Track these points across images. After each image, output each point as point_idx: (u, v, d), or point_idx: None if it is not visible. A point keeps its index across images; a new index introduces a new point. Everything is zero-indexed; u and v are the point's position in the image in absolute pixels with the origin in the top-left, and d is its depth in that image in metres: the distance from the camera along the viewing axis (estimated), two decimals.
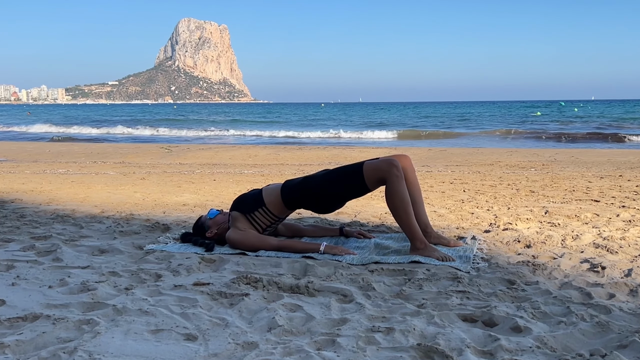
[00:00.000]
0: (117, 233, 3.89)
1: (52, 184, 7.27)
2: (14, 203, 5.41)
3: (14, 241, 3.61)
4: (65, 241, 3.60)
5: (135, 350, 1.92)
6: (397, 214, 3.26)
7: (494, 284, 2.69)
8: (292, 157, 12.72)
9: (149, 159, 12.50)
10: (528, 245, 3.46)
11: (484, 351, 1.91)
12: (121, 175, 8.61)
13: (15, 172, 9.12)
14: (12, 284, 2.67)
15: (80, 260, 3.16)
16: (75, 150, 15.85)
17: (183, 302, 2.42)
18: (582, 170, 8.71)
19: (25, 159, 12.65)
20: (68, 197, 5.84)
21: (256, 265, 3.05)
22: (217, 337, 2.04)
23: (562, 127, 27.53)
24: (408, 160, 3.52)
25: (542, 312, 2.26)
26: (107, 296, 2.50)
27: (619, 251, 3.26)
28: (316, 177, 3.46)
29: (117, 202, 5.48)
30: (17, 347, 1.93)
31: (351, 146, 17.51)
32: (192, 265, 3.02)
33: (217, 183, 7.40)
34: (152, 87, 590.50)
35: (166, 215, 4.70)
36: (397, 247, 3.39)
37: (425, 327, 2.11)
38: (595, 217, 4.39)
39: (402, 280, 2.77)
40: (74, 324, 2.13)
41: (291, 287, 2.62)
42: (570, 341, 1.98)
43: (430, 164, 10.62)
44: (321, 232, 3.76)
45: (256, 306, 2.37)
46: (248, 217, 3.47)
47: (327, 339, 2.01)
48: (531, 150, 14.78)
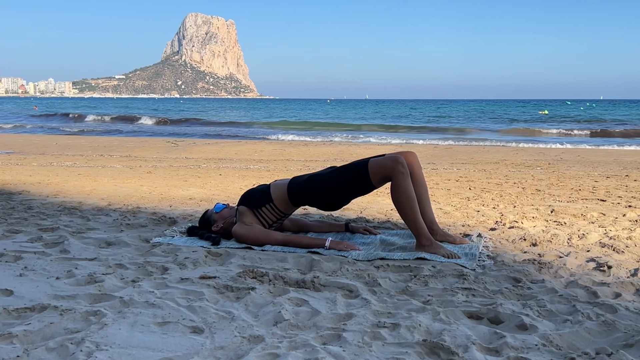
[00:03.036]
0: (124, 226, 3.90)
1: (59, 176, 7.30)
2: (22, 195, 5.44)
3: (21, 232, 3.64)
4: (72, 233, 3.62)
5: (141, 342, 1.93)
6: (403, 211, 3.26)
7: (500, 281, 2.69)
8: (297, 153, 12.72)
9: (155, 153, 12.52)
10: (534, 243, 3.46)
11: (489, 348, 1.91)
12: (127, 169, 8.64)
13: (23, 164, 9.17)
14: (19, 274, 2.69)
15: (87, 252, 3.18)
16: (82, 143, 15.90)
17: (189, 295, 2.43)
18: (588, 170, 8.68)
19: (33, 151, 12.70)
20: (75, 190, 5.87)
21: (262, 260, 3.06)
22: (223, 330, 2.05)
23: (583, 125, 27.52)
24: (414, 156, 3.51)
25: (548, 311, 2.26)
26: (114, 288, 2.51)
27: (625, 251, 3.25)
28: (322, 175, 3.46)
29: (124, 195, 5.50)
30: (24, 337, 1.94)
31: (357, 143, 17.50)
32: (199, 258, 3.03)
33: (223, 177, 7.41)
34: (158, 81, 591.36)
35: (172, 209, 4.71)
36: (402, 244, 3.39)
37: (431, 324, 2.11)
38: (602, 217, 4.38)
39: (407, 276, 2.77)
40: (81, 315, 2.14)
41: (297, 282, 2.63)
42: (576, 340, 1.98)
43: (436, 161, 10.61)
44: (327, 227, 3.77)
45: (262, 300, 2.38)
46: (255, 212, 3.48)
47: (333, 333, 2.02)
48: (537, 149, 14.74)
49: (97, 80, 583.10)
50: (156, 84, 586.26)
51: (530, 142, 17.81)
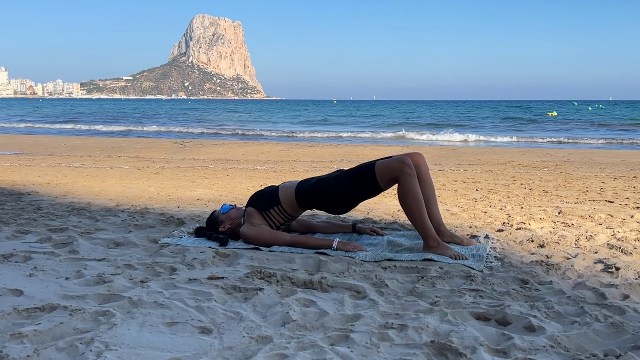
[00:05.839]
0: (132, 226, 3.93)
1: (67, 177, 7.34)
2: (31, 195, 5.47)
3: (31, 233, 3.66)
4: (81, 234, 3.64)
5: (150, 342, 1.94)
6: (410, 212, 3.26)
7: (507, 283, 2.69)
8: (304, 154, 12.73)
9: (162, 154, 12.57)
10: (541, 244, 3.45)
11: (497, 349, 1.91)
12: (135, 170, 8.67)
13: (32, 165, 9.22)
14: (29, 274, 2.71)
15: (96, 253, 3.20)
16: (90, 144, 15.98)
17: (198, 295, 2.44)
18: (596, 171, 8.64)
19: (41, 152, 12.77)
20: (83, 190, 5.90)
21: (270, 260, 3.07)
22: (231, 331, 2.06)
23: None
24: (422, 157, 3.51)
25: (556, 312, 2.25)
26: (122, 288, 2.53)
27: (633, 252, 3.24)
28: (329, 178, 3.46)
29: (132, 196, 5.52)
30: (35, 336, 1.96)
31: (364, 144, 17.49)
32: (207, 259, 3.05)
33: (230, 178, 7.43)
34: (165, 82, 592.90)
35: (180, 210, 4.73)
36: (409, 245, 3.40)
37: (439, 325, 2.11)
38: (609, 218, 4.36)
39: (415, 277, 2.78)
40: (91, 315, 2.16)
41: (305, 283, 2.64)
42: (584, 341, 1.97)
43: (443, 162, 10.60)
44: (334, 228, 3.77)
45: (270, 301, 2.39)
46: (263, 214, 3.49)
47: (341, 334, 2.02)
48: (544, 150, 14.69)
49: (104, 82, 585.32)
50: (163, 85, 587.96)
51: (535, 145, 17.73)
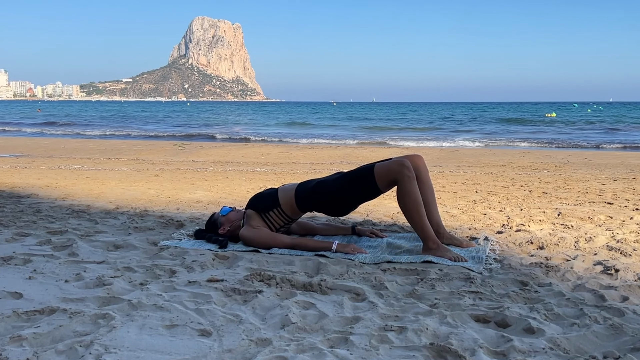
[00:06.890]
0: (132, 229, 3.93)
1: (67, 179, 7.34)
2: (30, 198, 5.47)
3: (30, 235, 3.66)
4: (80, 236, 3.64)
5: (150, 345, 1.94)
6: (409, 214, 3.26)
7: (507, 284, 2.69)
8: (304, 156, 12.73)
9: (162, 156, 12.57)
10: (541, 246, 3.45)
11: (496, 352, 1.91)
12: (135, 172, 8.67)
13: (31, 168, 9.22)
14: (29, 277, 2.71)
15: (96, 255, 3.20)
16: (90, 146, 15.98)
17: (197, 298, 2.44)
18: (595, 173, 8.65)
19: (41, 154, 12.77)
20: (83, 193, 5.90)
21: (269, 263, 3.07)
22: (231, 333, 2.06)
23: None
24: (421, 159, 3.52)
25: (555, 314, 2.25)
26: (122, 291, 2.53)
27: (633, 254, 3.24)
28: (329, 181, 3.46)
29: (132, 198, 5.52)
30: (34, 339, 1.96)
31: (363, 146, 17.50)
32: (206, 261, 3.04)
33: (229, 180, 7.43)
34: (165, 84, 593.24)
35: (180, 212, 4.73)
36: (409, 247, 3.40)
37: (438, 327, 2.11)
38: (609, 220, 4.37)
39: (414, 279, 2.78)
40: (90, 317, 2.16)
41: (304, 285, 2.64)
42: (583, 343, 1.98)
43: (442, 164, 10.60)
44: (333, 230, 3.77)
45: (269, 303, 2.39)
46: (263, 216, 3.49)
47: (340, 336, 2.02)
48: (543, 152, 14.70)
49: (104, 84, 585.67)
50: (163, 87, 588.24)
51: (537, 145, 17.74)
